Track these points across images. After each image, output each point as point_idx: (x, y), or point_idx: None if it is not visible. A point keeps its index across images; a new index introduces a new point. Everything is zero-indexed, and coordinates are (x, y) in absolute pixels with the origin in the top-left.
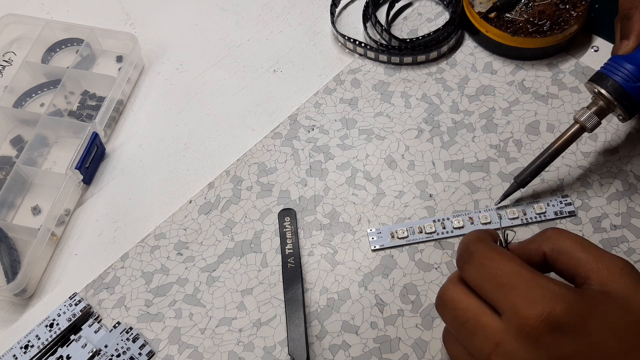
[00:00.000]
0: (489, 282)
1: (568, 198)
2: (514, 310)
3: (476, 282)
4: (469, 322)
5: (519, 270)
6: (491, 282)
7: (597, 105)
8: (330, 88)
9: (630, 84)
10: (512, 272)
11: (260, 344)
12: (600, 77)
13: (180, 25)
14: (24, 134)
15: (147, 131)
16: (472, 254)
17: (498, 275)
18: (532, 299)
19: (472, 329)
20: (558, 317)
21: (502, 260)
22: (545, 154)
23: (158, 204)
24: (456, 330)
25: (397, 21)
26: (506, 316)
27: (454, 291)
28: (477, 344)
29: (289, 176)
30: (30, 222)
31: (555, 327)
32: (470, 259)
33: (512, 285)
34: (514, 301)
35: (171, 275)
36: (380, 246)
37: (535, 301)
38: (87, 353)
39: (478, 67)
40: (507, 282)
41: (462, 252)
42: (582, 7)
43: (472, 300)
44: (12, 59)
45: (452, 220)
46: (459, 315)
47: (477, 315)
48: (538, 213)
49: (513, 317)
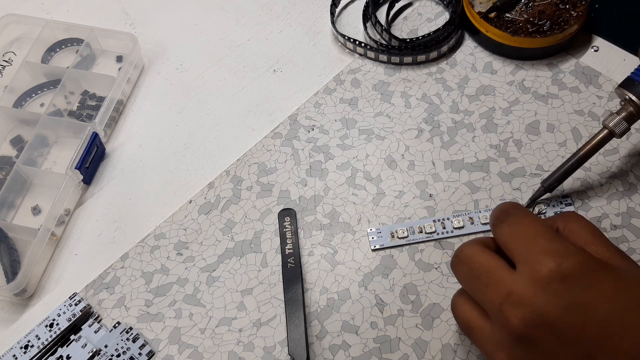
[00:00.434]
0: (517, 237)
1: (568, 198)
2: (529, 259)
3: (505, 239)
4: (483, 274)
5: (545, 230)
6: (519, 237)
7: (626, 110)
8: (330, 88)
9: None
10: (539, 231)
11: (260, 344)
12: (630, 83)
13: (180, 25)
14: (24, 134)
15: (147, 131)
16: (509, 215)
17: (526, 232)
18: (548, 250)
19: (485, 281)
20: (570, 267)
21: (534, 222)
22: (573, 158)
23: (158, 204)
24: (469, 284)
25: (397, 21)
26: (520, 266)
27: (471, 248)
28: (489, 295)
29: (289, 176)
30: (30, 222)
31: (567, 277)
32: (507, 218)
33: (536, 240)
34: (531, 252)
35: (171, 275)
36: (380, 246)
37: (550, 252)
38: (87, 353)
39: (478, 67)
40: (532, 238)
41: (498, 214)
42: (582, 7)
43: (489, 255)
44: (12, 59)
45: (452, 220)
46: (474, 268)
47: (492, 268)
48: (538, 212)
49: (527, 266)
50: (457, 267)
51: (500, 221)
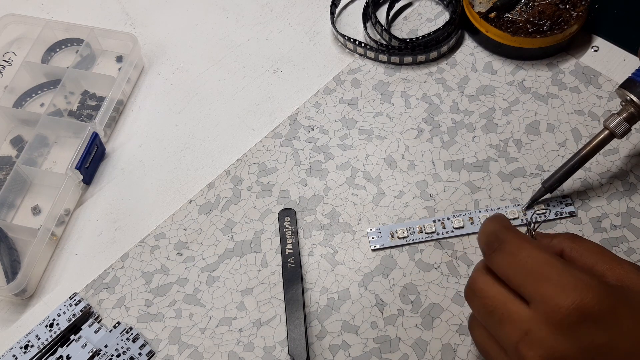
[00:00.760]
0: (519, 270)
1: (568, 198)
2: (544, 298)
3: (505, 271)
4: (497, 310)
5: (550, 260)
6: (521, 270)
7: (627, 111)
8: (330, 88)
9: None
10: (542, 261)
11: (260, 344)
12: (631, 83)
13: (180, 25)
14: (24, 134)
15: (147, 131)
16: (502, 243)
17: (528, 264)
18: (563, 287)
19: (500, 317)
20: (589, 306)
21: (533, 250)
22: (574, 159)
23: (158, 204)
24: (484, 319)
25: (397, 21)
26: (535, 304)
27: (483, 280)
28: (506, 332)
29: (289, 176)
30: (30, 222)
31: (586, 317)
32: (500, 247)
33: (543, 273)
34: (544, 289)
35: (171, 275)
36: (380, 246)
37: (566, 290)
38: (87, 353)
39: (478, 67)
40: (538, 270)
41: (490, 240)
42: (582, 7)
43: (500, 288)
44: (12, 59)
45: (452, 220)
46: (488, 303)
47: (506, 304)
48: (538, 213)
49: (543, 305)
50: (471, 300)
51: (492, 249)
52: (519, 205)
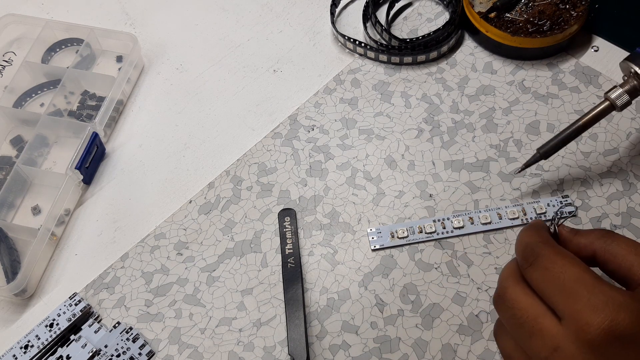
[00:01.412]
0: (552, 285)
1: (568, 198)
2: (575, 316)
3: (539, 285)
4: (528, 322)
5: (583, 276)
6: (554, 286)
7: (629, 84)
8: (330, 88)
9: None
10: (575, 277)
11: (260, 344)
12: (636, 56)
13: (180, 25)
14: (24, 134)
15: (147, 131)
16: (538, 257)
17: (561, 280)
18: (594, 305)
19: (530, 330)
20: (620, 326)
21: (567, 265)
22: (572, 127)
23: (158, 204)
24: (514, 329)
25: (397, 21)
26: (566, 321)
27: (515, 290)
28: (535, 346)
29: (289, 176)
30: (30, 222)
31: (617, 337)
32: (536, 261)
33: (575, 290)
34: (576, 307)
35: (171, 275)
36: (380, 246)
37: (598, 308)
38: (87, 353)
39: (478, 67)
40: (570, 286)
41: (526, 254)
42: (582, 7)
43: (533, 301)
44: (12, 59)
45: (452, 220)
46: (518, 314)
47: (537, 317)
48: (538, 213)
49: (574, 323)
50: (500, 309)
51: (528, 263)
52: (519, 205)
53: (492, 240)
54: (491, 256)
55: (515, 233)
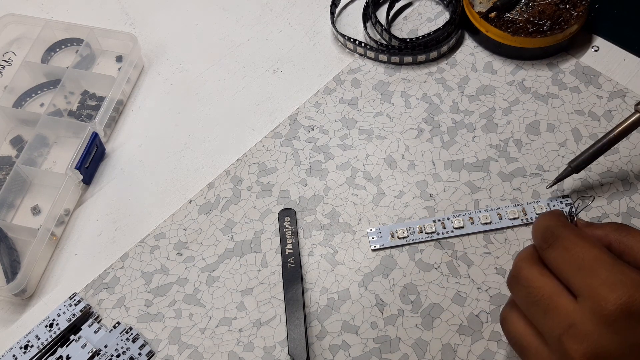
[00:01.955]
0: (571, 265)
1: (568, 198)
2: (592, 292)
3: (557, 265)
4: (543, 300)
5: (602, 256)
6: (573, 265)
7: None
8: (330, 88)
9: None
10: (594, 257)
11: (260, 344)
12: None
13: (180, 25)
14: (23, 134)
15: (147, 131)
16: (558, 238)
17: (580, 259)
18: (612, 283)
19: (545, 308)
20: (637, 303)
21: (586, 246)
22: (603, 140)
23: (158, 204)
24: (528, 308)
25: (397, 21)
26: (583, 298)
27: (530, 270)
28: (549, 323)
29: (289, 176)
30: (30, 222)
31: (633, 313)
32: (556, 242)
33: (593, 269)
34: (593, 284)
35: (171, 275)
36: (381, 246)
37: (615, 285)
38: (87, 353)
39: (478, 67)
40: (589, 266)
41: (545, 235)
42: (582, 7)
43: (549, 280)
44: (12, 59)
45: (452, 220)
46: (533, 293)
47: (552, 295)
48: (538, 213)
49: (590, 300)
50: (515, 288)
51: (547, 244)
52: (519, 205)
53: (492, 240)
54: (491, 256)
55: (515, 233)
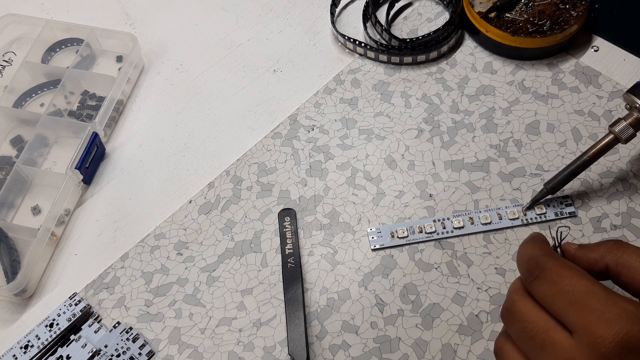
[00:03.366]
0: (561, 299)
1: (568, 199)
2: (587, 329)
3: (546, 299)
4: (538, 336)
5: (593, 288)
6: (563, 299)
7: (633, 117)
8: (330, 88)
9: None
10: (585, 290)
11: (260, 344)
12: (638, 89)
13: (180, 25)
14: (24, 134)
15: (147, 131)
16: (543, 270)
17: (570, 293)
18: (607, 318)
19: (541, 344)
20: (635, 338)
21: (575, 278)
22: (578, 161)
23: (158, 204)
24: (523, 343)
25: (397, 21)
26: (578, 335)
27: (523, 304)
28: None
29: (289, 176)
30: (30, 222)
31: (632, 349)
32: (541, 275)
33: (586, 303)
34: (587, 320)
35: (171, 275)
36: (380, 245)
37: (611, 321)
38: (87, 353)
39: (478, 67)
40: (580, 300)
41: (530, 267)
42: (582, 7)
43: (542, 314)
44: (12, 59)
45: (452, 220)
46: (528, 328)
47: (547, 330)
48: (538, 214)
49: (586, 336)
50: (509, 322)
51: (533, 277)
52: (519, 205)
53: (492, 240)
54: (491, 256)
55: (515, 234)
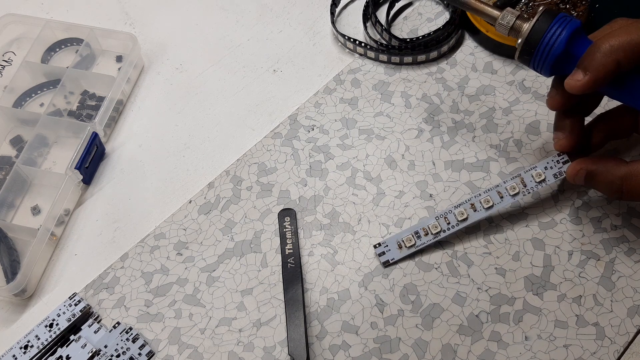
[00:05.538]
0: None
1: (564, 156)
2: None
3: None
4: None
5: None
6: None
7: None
8: (330, 88)
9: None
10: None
11: (260, 344)
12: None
13: (180, 25)
14: (23, 134)
15: (147, 131)
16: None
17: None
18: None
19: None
20: None
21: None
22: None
23: (158, 204)
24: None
25: (397, 21)
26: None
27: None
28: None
29: (289, 176)
30: (30, 222)
31: None
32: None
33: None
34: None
35: (171, 275)
36: (392, 260)
37: None
38: (87, 353)
39: (478, 67)
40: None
41: (612, 187)
42: (582, 7)
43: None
44: (11, 59)
45: (455, 212)
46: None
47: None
48: (537, 181)
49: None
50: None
51: (616, 190)
52: (517, 177)
53: (492, 240)
54: (491, 256)
55: (515, 233)
